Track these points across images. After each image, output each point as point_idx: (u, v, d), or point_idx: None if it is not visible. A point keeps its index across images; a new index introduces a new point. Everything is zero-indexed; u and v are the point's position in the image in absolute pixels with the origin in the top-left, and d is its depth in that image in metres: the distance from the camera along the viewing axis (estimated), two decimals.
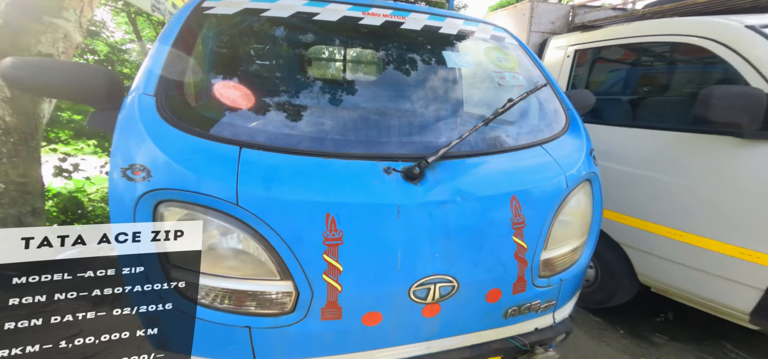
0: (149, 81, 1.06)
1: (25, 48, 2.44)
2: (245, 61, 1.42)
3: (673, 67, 2.11)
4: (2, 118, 2.28)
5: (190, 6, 1.31)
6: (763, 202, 1.51)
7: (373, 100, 1.42)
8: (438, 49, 1.62)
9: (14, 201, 2.37)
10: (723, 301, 1.69)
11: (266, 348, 1.01)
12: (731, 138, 1.58)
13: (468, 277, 1.08)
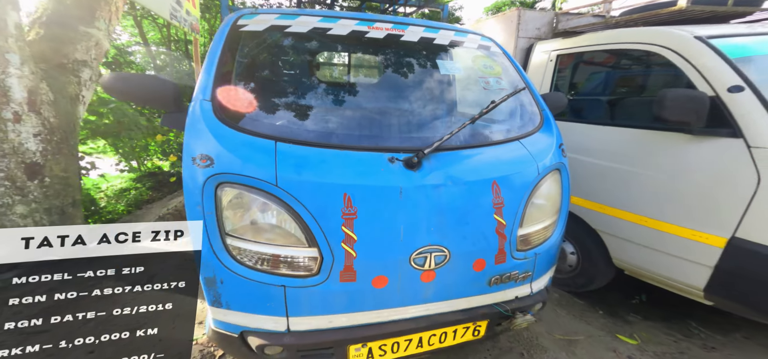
0: (206, 89, 1.33)
1: (64, 56, 2.69)
2: (274, 69, 1.68)
3: (638, 72, 2.37)
4: (47, 119, 2.53)
5: (228, 24, 1.57)
6: (709, 190, 1.76)
7: (380, 101, 1.68)
8: (433, 57, 1.88)
9: (58, 193, 2.62)
10: (682, 279, 1.93)
11: (297, 305, 1.26)
12: (683, 134, 1.84)
13: (458, 248, 1.32)
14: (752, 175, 1.61)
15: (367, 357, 1.38)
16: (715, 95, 1.74)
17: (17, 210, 2.41)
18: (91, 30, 2.80)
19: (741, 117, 1.66)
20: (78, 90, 2.81)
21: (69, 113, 2.72)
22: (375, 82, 1.75)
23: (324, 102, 1.63)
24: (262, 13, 1.65)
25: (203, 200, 1.18)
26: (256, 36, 1.60)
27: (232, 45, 1.50)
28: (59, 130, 2.60)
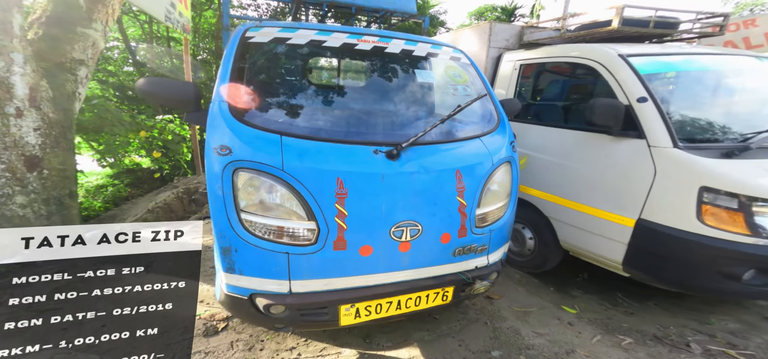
0: (223, 91, 1.62)
1: (62, 55, 2.84)
2: (279, 75, 1.97)
3: (579, 81, 2.83)
4: (46, 114, 2.68)
5: (237, 36, 1.86)
6: (623, 180, 2.23)
7: (366, 103, 2.00)
8: (411, 66, 2.22)
9: (55, 185, 2.76)
10: (607, 255, 2.39)
11: (298, 270, 1.55)
12: (606, 135, 2.31)
13: (428, 223, 1.67)
14: (651, 168, 2.10)
15: (355, 315, 1.69)
16: (628, 104, 2.23)
17: (17, 200, 2.55)
18: (88, 31, 2.96)
19: (644, 122, 2.15)
20: (75, 87, 2.95)
21: (66, 109, 2.86)
22: (363, 87, 2.06)
23: (320, 103, 1.95)
24: (265, 26, 1.94)
25: (223, 182, 1.46)
26: (262, 46, 1.90)
27: (242, 54, 1.79)
28: (58, 125, 2.75)
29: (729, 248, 1.92)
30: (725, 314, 2.53)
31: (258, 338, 2.09)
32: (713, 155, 2.02)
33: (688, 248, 2.01)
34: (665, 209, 2.09)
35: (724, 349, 2.15)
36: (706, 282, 2.05)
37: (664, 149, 2.07)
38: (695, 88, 2.49)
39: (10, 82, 2.48)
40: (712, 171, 1.94)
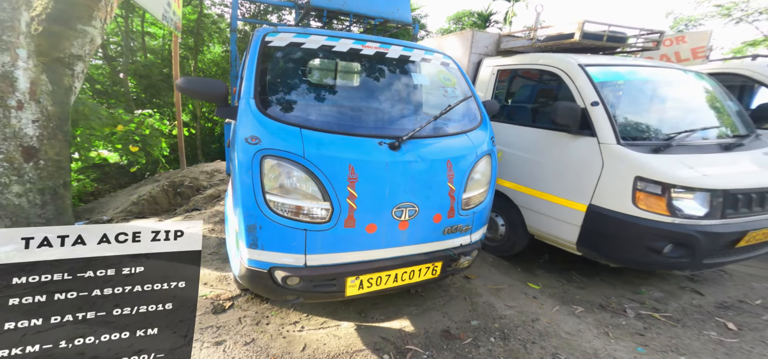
0: (250, 90, 1.86)
1: (61, 50, 2.88)
2: (296, 75, 2.20)
3: (545, 86, 3.28)
4: (45, 107, 2.73)
5: (258, 40, 2.08)
6: (579, 172, 2.68)
7: (371, 101, 2.27)
8: (409, 70, 2.53)
9: (51, 175, 2.79)
10: (564, 237, 2.84)
11: (313, 245, 1.80)
12: (567, 134, 2.76)
13: (423, 204, 1.97)
14: (600, 161, 2.56)
15: (359, 287, 1.96)
16: (584, 107, 2.68)
17: (13, 190, 2.60)
18: (87, 28, 3.01)
19: (595, 123, 2.60)
20: (72, 82, 3.00)
21: (63, 102, 2.91)
22: (367, 87, 2.28)
23: (332, 100, 2.22)
24: (281, 30, 2.17)
25: (252, 167, 1.68)
26: (280, 49, 2.13)
27: (263, 56, 2.02)
28: (55, 117, 2.80)
29: (654, 227, 2.40)
30: (651, 285, 3.07)
31: (263, 314, 2.29)
32: (645, 150, 2.51)
33: (625, 227, 2.48)
34: (609, 195, 2.55)
35: (650, 313, 2.66)
36: (637, 256, 2.53)
37: (610, 146, 2.53)
38: (634, 94, 3.01)
39: (13, 76, 2.55)
40: (644, 164, 2.42)
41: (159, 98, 9.46)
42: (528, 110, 3.34)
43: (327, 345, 2.10)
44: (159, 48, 10.65)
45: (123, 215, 3.90)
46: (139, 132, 5.75)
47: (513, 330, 2.33)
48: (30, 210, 2.77)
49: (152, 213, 4.12)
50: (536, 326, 2.38)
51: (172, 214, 4.02)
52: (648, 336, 2.34)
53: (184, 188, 4.59)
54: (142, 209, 4.05)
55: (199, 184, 5.09)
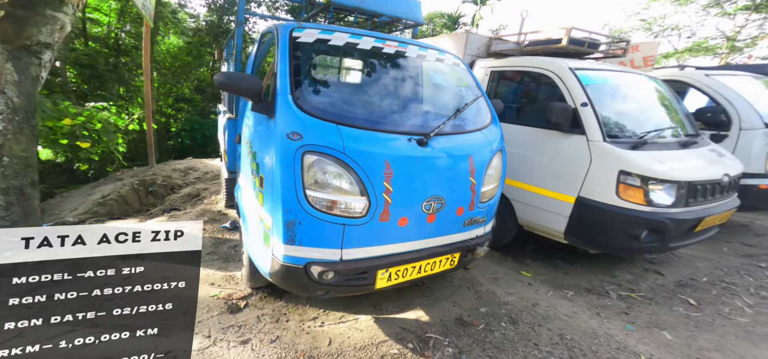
0: (287, 86, 1.82)
1: (27, 37, 2.58)
2: (328, 72, 2.17)
3: (536, 87, 3.54)
4: (10, 98, 2.45)
5: (286, 36, 2.03)
6: (568, 167, 2.96)
7: (398, 99, 2.29)
8: (427, 68, 2.59)
9: (17, 173, 2.50)
10: (552, 227, 3.11)
11: (349, 239, 1.81)
12: (558, 132, 3.02)
13: (449, 198, 2.06)
14: (588, 157, 2.84)
15: (388, 279, 2.00)
16: (575, 107, 2.95)
17: None
18: (58, 14, 2.71)
19: (585, 122, 2.88)
20: (39, 72, 2.66)
21: (30, 93, 2.64)
22: (393, 84, 2.30)
23: (363, 97, 2.22)
24: (306, 27, 2.14)
25: (294, 163, 1.65)
26: (309, 46, 2.10)
27: (294, 53, 1.99)
28: (21, 110, 2.52)
29: (634, 215, 2.73)
30: (622, 269, 3.47)
31: (281, 312, 2.24)
32: (625, 147, 2.83)
33: (609, 217, 2.78)
34: (596, 187, 2.84)
35: (628, 293, 3.01)
36: (620, 242, 2.86)
37: (597, 143, 2.82)
38: (614, 96, 3.37)
39: None
40: (627, 159, 2.74)
41: (104, 90, 8.53)
42: (521, 109, 3.58)
43: (351, 338, 2.11)
44: (103, 35, 9.61)
45: (89, 217, 3.50)
46: (88, 126, 5.18)
47: (519, 314, 2.51)
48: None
49: (123, 214, 3.75)
50: (538, 310, 2.59)
51: (147, 215, 3.69)
52: (632, 314, 2.66)
53: (156, 186, 4.23)
54: (110, 209, 3.67)
55: (173, 182, 4.72)
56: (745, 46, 16.27)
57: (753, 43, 16.09)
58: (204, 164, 6.21)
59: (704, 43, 17.30)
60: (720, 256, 3.83)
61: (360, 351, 2.02)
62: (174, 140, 10.00)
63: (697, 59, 17.26)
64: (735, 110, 4.07)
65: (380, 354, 2.01)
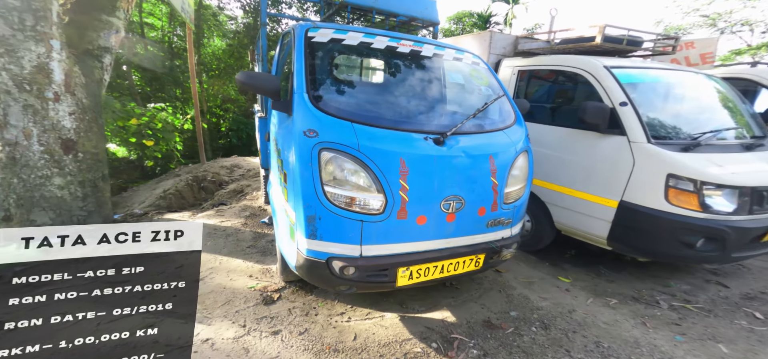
0: (303, 85, 1.92)
1: (89, 42, 2.91)
2: (343, 71, 2.27)
3: (569, 87, 3.36)
4: (80, 100, 2.80)
5: (302, 36, 2.13)
6: (609, 169, 2.76)
7: (414, 98, 2.33)
8: (444, 67, 2.58)
9: (90, 168, 2.86)
10: (594, 232, 2.91)
11: (368, 236, 1.85)
12: (595, 133, 2.83)
13: (469, 197, 2.03)
14: (631, 159, 2.64)
15: (409, 277, 2.00)
16: (612, 107, 2.76)
17: (55, 182, 2.66)
18: (112, 19, 3.06)
19: (625, 122, 2.69)
20: (102, 74, 3.03)
21: (96, 94, 2.98)
22: (409, 83, 2.33)
23: (377, 96, 2.29)
24: (322, 27, 2.23)
25: (311, 159, 1.73)
26: (324, 45, 2.19)
27: (310, 52, 2.08)
28: (90, 110, 2.86)
29: (687, 222, 2.48)
30: (678, 279, 3.15)
31: (310, 306, 2.33)
32: (675, 149, 2.59)
33: (658, 223, 2.55)
34: (641, 191, 2.63)
35: (683, 304, 2.72)
36: (670, 250, 2.60)
37: (641, 144, 2.61)
38: (659, 95, 3.10)
39: (49, 67, 2.57)
40: (676, 161, 2.50)
41: (164, 92, 9.36)
42: (551, 109, 3.42)
43: (376, 335, 2.13)
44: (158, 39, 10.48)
45: (152, 209, 3.91)
46: (151, 126, 5.75)
47: (552, 320, 2.38)
48: (72, 203, 2.78)
49: (180, 207, 4.13)
50: (574, 316, 2.43)
51: (199, 208, 4.04)
52: (684, 326, 2.40)
53: (207, 182, 4.62)
54: (169, 203, 4.07)
55: (221, 179, 5.10)
56: None
57: None
58: (247, 162, 6.53)
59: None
60: None
61: (384, 347, 2.04)
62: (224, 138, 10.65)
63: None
64: None
65: (403, 352, 2.01)
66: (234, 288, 2.44)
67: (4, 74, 2.56)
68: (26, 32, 2.54)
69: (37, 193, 2.67)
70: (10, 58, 2.54)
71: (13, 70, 2.56)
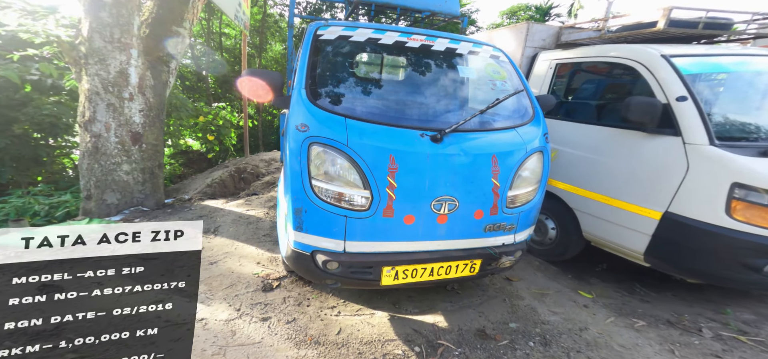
0: (302, 81, 1.84)
1: (161, 49, 3.33)
2: (343, 68, 2.16)
3: (616, 80, 2.75)
4: (148, 99, 3.25)
5: (311, 34, 2.05)
6: (653, 176, 2.22)
7: (415, 94, 2.12)
8: (455, 62, 2.30)
9: (150, 157, 3.32)
10: (629, 245, 2.40)
11: (352, 232, 1.73)
12: (639, 132, 2.31)
13: (464, 199, 1.79)
14: (684, 163, 2.09)
15: (394, 277, 1.86)
16: (666, 103, 2.22)
17: (123, 168, 3.15)
18: (179, 29, 3.37)
19: (682, 120, 2.12)
20: (167, 77, 3.41)
21: (161, 94, 3.37)
22: (413, 79, 2.16)
23: (376, 92, 2.13)
24: (331, 24, 2.12)
25: (300, 153, 1.67)
26: (330, 42, 2.08)
27: (315, 49, 1.99)
28: (155, 107, 3.26)
29: (754, 242, 1.92)
30: (741, 306, 2.50)
31: (305, 296, 2.34)
32: (750, 153, 2.00)
33: (714, 240, 2.01)
34: (694, 203, 2.09)
35: (735, 335, 2.18)
36: (728, 272, 2.05)
37: (700, 147, 2.06)
38: (740, 88, 2.40)
39: (127, 72, 3.00)
40: (747, 168, 1.92)
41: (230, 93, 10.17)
42: (590, 107, 2.85)
43: (360, 332, 2.07)
44: (231, 47, 11.30)
45: (199, 196, 4.32)
46: (214, 123, 6.30)
47: (556, 336, 2.08)
48: (134, 186, 3.22)
49: (221, 195, 4.48)
50: (584, 335, 2.09)
51: (234, 196, 4.33)
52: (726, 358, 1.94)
53: (247, 174, 4.93)
54: (214, 190, 4.43)
55: (259, 171, 5.40)
56: None
57: None
58: None
59: None
60: None
61: (365, 345, 1.96)
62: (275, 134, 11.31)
63: None
64: None
65: (383, 352, 1.92)
66: (240, 273, 2.52)
67: (96, 79, 3.02)
68: (114, 44, 2.97)
69: (109, 177, 3.15)
70: (101, 66, 3.01)
71: (102, 75, 3.02)
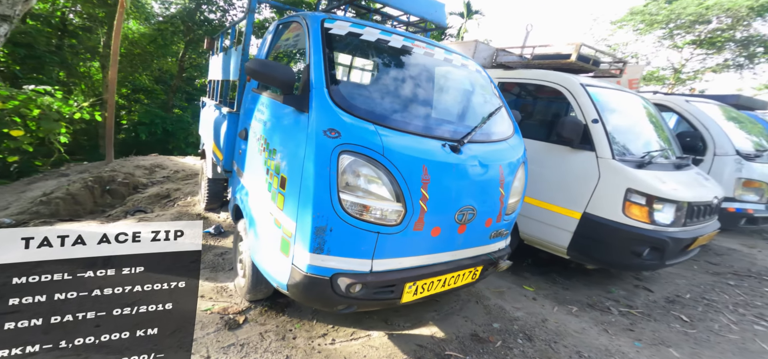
0: (321, 80, 1.68)
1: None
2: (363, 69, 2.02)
3: (544, 101, 3.61)
4: None
5: (318, 27, 1.88)
6: (576, 183, 3.02)
7: (431, 103, 2.23)
8: (454, 73, 2.52)
9: None
10: (556, 242, 3.15)
11: (381, 248, 1.67)
12: (567, 147, 3.07)
13: (480, 208, 1.98)
14: (596, 173, 2.92)
15: (414, 293, 1.87)
16: (585, 123, 3.01)
17: None
18: None
19: (595, 138, 2.96)
20: None
21: None
22: (425, 87, 2.24)
23: (399, 99, 2.08)
24: (338, 19, 2.01)
25: (330, 162, 1.50)
26: (341, 38, 1.97)
27: (327, 44, 1.84)
28: None
29: (639, 233, 2.83)
30: (614, 284, 3.61)
31: (285, 327, 2.02)
32: (632, 165, 2.94)
33: (615, 233, 2.87)
34: (603, 204, 2.92)
35: (628, 310, 3.12)
36: (623, 259, 2.95)
37: (607, 160, 2.90)
38: (619, 115, 3.50)
39: None
40: (634, 177, 2.84)
41: (42, 73, 7.55)
42: (527, 123, 3.58)
43: (368, 357, 1.93)
44: (47, 13, 8.52)
45: (28, 217, 2.97)
46: (22, 112, 4.52)
47: (532, 330, 2.48)
48: None
49: (73, 214, 3.23)
50: (548, 326, 2.58)
51: (104, 216, 3.22)
52: (637, 331, 2.74)
53: (116, 185, 3.74)
54: (55, 209, 3.16)
55: (136, 181, 4.23)
56: (688, 78, 18.38)
57: (695, 76, 18.19)
58: (173, 162, 5.71)
59: (656, 73, 19.21)
60: (693, 274, 4.13)
61: None
62: (126, 134, 9.04)
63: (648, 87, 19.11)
64: (711, 136, 4.45)
65: None
66: None
67: None
68: None
69: None
70: None
71: None
